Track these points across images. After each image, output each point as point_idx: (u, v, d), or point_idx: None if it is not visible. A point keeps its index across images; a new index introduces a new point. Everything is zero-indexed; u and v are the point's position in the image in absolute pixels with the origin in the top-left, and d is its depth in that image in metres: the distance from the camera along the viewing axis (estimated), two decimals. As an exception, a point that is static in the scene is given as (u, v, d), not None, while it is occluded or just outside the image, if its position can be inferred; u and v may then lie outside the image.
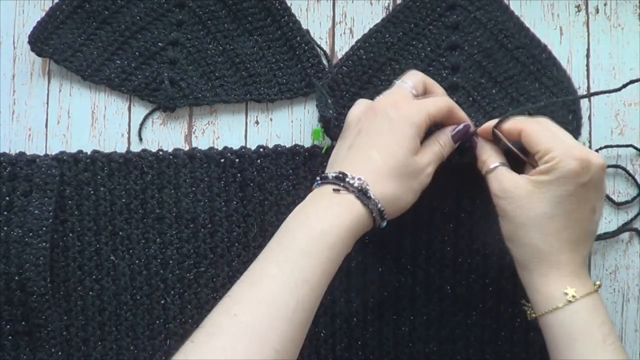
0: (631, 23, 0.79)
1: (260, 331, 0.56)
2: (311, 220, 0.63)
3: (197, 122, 0.81)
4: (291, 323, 0.58)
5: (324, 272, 0.61)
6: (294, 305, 0.58)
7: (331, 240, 0.61)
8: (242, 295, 0.59)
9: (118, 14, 0.81)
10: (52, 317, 0.76)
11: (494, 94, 0.77)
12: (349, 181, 0.64)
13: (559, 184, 0.62)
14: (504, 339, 0.75)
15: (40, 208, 0.75)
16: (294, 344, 0.59)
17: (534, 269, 0.64)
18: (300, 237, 0.62)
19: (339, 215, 0.63)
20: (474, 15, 0.78)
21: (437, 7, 0.79)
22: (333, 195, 0.64)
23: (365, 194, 0.63)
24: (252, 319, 0.57)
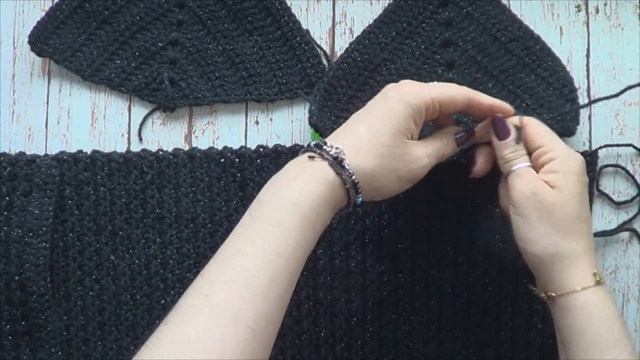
0: (631, 23, 0.79)
1: (232, 310, 0.54)
2: (282, 190, 0.60)
3: (197, 122, 0.81)
4: (266, 299, 0.56)
5: (299, 244, 0.59)
6: (267, 281, 0.56)
7: (302, 210, 0.59)
8: (213, 273, 0.57)
9: (118, 14, 0.81)
10: (52, 317, 0.76)
11: (490, 88, 0.77)
12: (325, 149, 0.61)
13: (575, 183, 0.63)
14: (504, 338, 0.75)
15: (40, 208, 0.75)
16: (271, 322, 0.57)
17: (555, 264, 0.63)
18: (270, 209, 0.59)
19: (311, 184, 0.60)
20: (466, 10, 0.78)
21: (429, 5, 0.79)
22: (307, 164, 0.62)
23: (340, 163, 0.60)
24: (223, 298, 0.55)
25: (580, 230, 0.63)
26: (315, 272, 0.76)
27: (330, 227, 0.60)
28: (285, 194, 0.59)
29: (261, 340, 0.56)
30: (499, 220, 0.72)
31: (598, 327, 0.61)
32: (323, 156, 0.61)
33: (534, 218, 0.63)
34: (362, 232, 0.76)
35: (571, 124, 0.74)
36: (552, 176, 0.63)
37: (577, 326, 0.62)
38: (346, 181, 0.61)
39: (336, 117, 0.77)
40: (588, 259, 0.62)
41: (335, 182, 0.61)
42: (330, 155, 0.61)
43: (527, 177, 0.64)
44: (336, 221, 0.66)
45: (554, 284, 0.63)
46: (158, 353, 0.53)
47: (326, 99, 0.77)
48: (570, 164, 0.63)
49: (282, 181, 0.61)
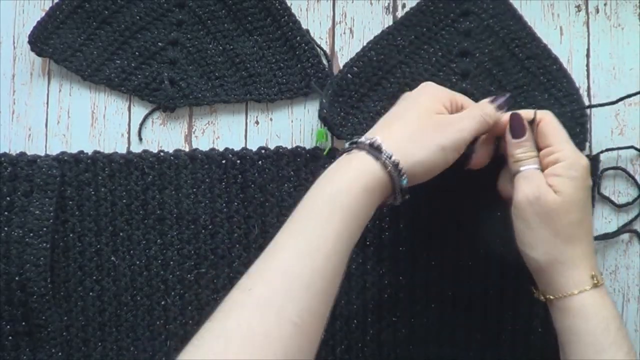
0: (631, 23, 0.79)
1: (276, 303, 0.54)
2: (322, 185, 0.61)
3: (197, 122, 0.81)
4: (309, 292, 0.55)
5: (340, 236, 0.58)
6: (309, 274, 0.56)
7: (343, 200, 0.59)
8: (257, 269, 0.57)
9: (118, 14, 0.81)
10: (52, 317, 0.76)
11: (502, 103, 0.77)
12: (360, 141, 0.62)
13: (578, 186, 0.63)
14: (504, 341, 0.75)
15: (41, 208, 0.75)
16: (315, 316, 0.56)
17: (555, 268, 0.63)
18: (312, 203, 0.60)
19: (350, 174, 0.60)
20: (487, 23, 0.78)
21: (450, 13, 0.79)
22: (345, 159, 0.62)
23: (377, 148, 0.61)
24: (266, 292, 0.55)
25: (581, 235, 0.63)
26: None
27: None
28: (326, 188, 0.60)
29: (305, 334, 0.55)
30: (500, 223, 0.72)
31: (594, 328, 0.61)
32: (360, 147, 0.62)
33: (535, 223, 0.63)
34: (362, 235, 0.75)
35: (578, 147, 0.73)
36: (556, 180, 0.63)
37: (574, 328, 0.62)
38: (386, 164, 0.60)
39: (346, 113, 0.77)
40: (587, 262, 0.63)
41: (375, 168, 0.61)
42: (365, 145, 0.61)
43: (532, 181, 0.64)
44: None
45: (552, 287, 0.63)
46: (202, 349, 0.53)
47: (338, 94, 0.77)
48: (575, 169, 0.63)
49: (323, 178, 0.62)
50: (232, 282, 0.75)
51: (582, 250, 0.63)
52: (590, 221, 0.65)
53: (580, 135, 0.75)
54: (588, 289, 0.62)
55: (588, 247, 0.64)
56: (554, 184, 0.63)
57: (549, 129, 0.65)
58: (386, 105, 0.76)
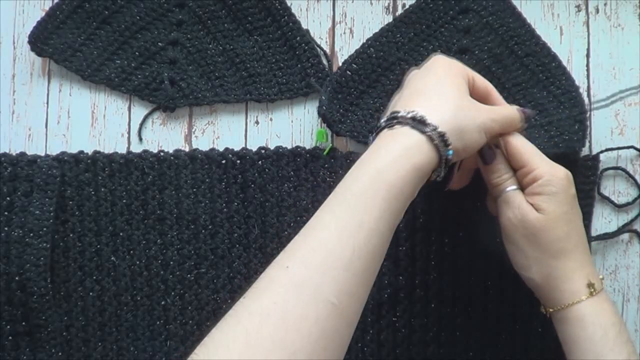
0: (631, 23, 0.79)
1: (313, 283, 0.52)
2: (365, 162, 0.58)
3: (197, 122, 0.81)
4: (348, 273, 0.53)
5: (383, 214, 0.56)
6: (349, 253, 0.53)
7: (388, 178, 0.56)
8: (295, 247, 0.55)
9: (118, 14, 0.81)
10: (52, 317, 0.76)
11: None
12: (401, 115, 0.59)
13: (559, 201, 0.62)
14: (503, 342, 0.75)
15: (41, 208, 0.75)
16: (354, 297, 0.54)
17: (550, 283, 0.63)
18: (353, 179, 0.57)
19: (395, 150, 0.57)
20: (486, 20, 0.78)
21: (449, 10, 0.79)
22: (387, 135, 0.59)
23: (422, 122, 0.58)
24: (304, 270, 0.53)
25: (570, 247, 0.63)
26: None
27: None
28: (369, 165, 0.57)
29: (343, 315, 0.54)
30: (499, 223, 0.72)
31: (592, 335, 0.61)
32: (401, 122, 0.59)
33: (523, 244, 0.64)
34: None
35: (577, 145, 0.74)
36: (536, 198, 0.63)
37: (574, 336, 0.62)
38: (432, 137, 0.58)
39: (345, 110, 0.77)
40: (581, 272, 0.63)
41: (421, 141, 0.58)
42: (408, 119, 0.59)
43: (513, 203, 0.64)
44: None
45: (550, 301, 0.64)
46: (237, 326, 0.51)
47: (337, 91, 0.77)
48: (554, 184, 0.62)
49: (365, 155, 0.59)
50: (232, 282, 0.75)
51: (575, 262, 0.63)
52: (580, 230, 0.64)
53: (579, 133, 0.75)
54: (584, 299, 0.62)
55: (581, 257, 0.63)
56: (535, 203, 0.63)
57: (517, 150, 0.65)
58: (385, 102, 0.76)
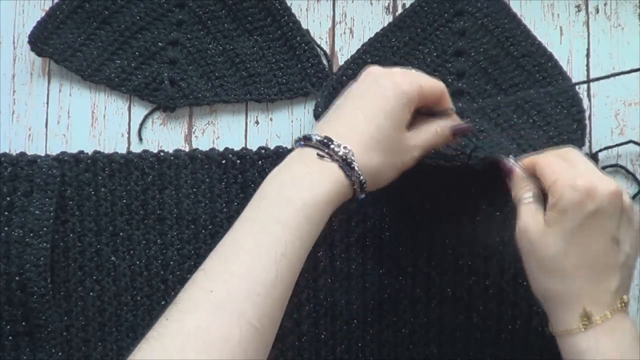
0: (631, 23, 0.79)
1: (236, 307, 0.53)
2: (288, 188, 0.59)
3: (197, 122, 0.81)
4: (269, 298, 0.55)
5: (302, 245, 0.58)
6: (272, 279, 0.55)
7: (310, 211, 0.58)
8: (216, 269, 0.56)
9: (118, 14, 0.81)
10: (52, 317, 0.76)
11: (498, 101, 0.77)
12: (333, 148, 0.60)
13: (566, 217, 0.58)
14: (504, 341, 0.75)
15: (41, 208, 0.75)
16: (273, 321, 0.56)
17: (546, 303, 0.61)
18: (276, 207, 0.58)
19: (319, 185, 0.59)
20: (481, 22, 0.78)
21: (444, 13, 0.79)
22: (314, 162, 0.60)
23: (349, 165, 0.59)
24: (227, 295, 0.53)
25: (569, 269, 0.58)
26: (316, 274, 0.76)
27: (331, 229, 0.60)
28: (293, 193, 0.58)
29: (263, 339, 0.55)
30: (500, 223, 0.73)
31: None
32: (332, 156, 0.60)
33: (524, 255, 0.62)
34: (363, 235, 0.76)
35: (576, 144, 0.74)
36: (549, 214, 0.60)
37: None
38: (354, 182, 0.60)
39: None
40: (577, 299, 0.58)
41: (344, 182, 0.60)
42: (339, 156, 0.60)
43: (521, 214, 0.62)
44: (337, 223, 0.66)
45: (549, 322, 0.62)
46: (159, 348, 0.52)
47: (333, 96, 0.77)
48: (566, 200, 0.58)
49: (288, 179, 0.60)
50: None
51: (571, 286, 0.59)
52: (590, 253, 0.58)
53: (577, 132, 0.75)
54: (576, 331, 0.58)
55: (582, 282, 0.58)
56: (548, 218, 0.60)
57: (542, 169, 0.62)
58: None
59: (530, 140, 0.75)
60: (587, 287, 0.58)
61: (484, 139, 0.75)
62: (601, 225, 0.58)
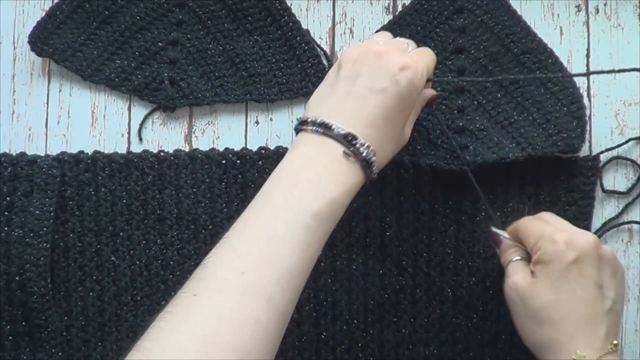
0: (631, 23, 0.79)
1: (267, 292, 0.55)
2: (322, 184, 0.60)
3: (197, 122, 0.81)
4: (294, 285, 0.57)
5: (325, 239, 0.61)
6: (300, 268, 0.58)
7: (335, 208, 0.61)
8: (249, 252, 0.57)
9: (118, 14, 0.81)
10: (52, 317, 0.76)
11: (499, 98, 0.77)
12: (358, 148, 0.62)
13: (551, 268, 0.62)
14: (504, 342, 0.75)
15: (41, 208, 0.75)
16: (291, 309, 0.58)
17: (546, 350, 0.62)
18: (311, 200, 0.59)
19: (346, 184, 0.61)
20: (481, 19, 0.78)
21: (444, 11, 0.79)
22: (342, 160, 0.62)
23: (370, 166, 0.63)
24: (260, 279, 0.55)
25: (559, 318, 0.61)
26: (317, 274, 0.76)
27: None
28: (327, 190, 0.60)
29: (285, 320, 0.57)
30: (500, 224, 0.72)
31: None
32: (357, 156, 0.62)
33: (515, 309, 0.65)
34: (363, 235, 0.76)
35: (577, 141, 0.74)
36: (535, 267, 0.64)
37: None
38: (368, 178, 0.64)
39: None
40: (569, 345, 0.61)
41: (362, 180, 0.63)
42: (362, 157, 0.62)
43: (510, 272, 0.66)
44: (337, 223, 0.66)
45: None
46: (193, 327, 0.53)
47: None
48: (548, 253, 0.63)
49: (321, 173, 0.61)
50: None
51: (562, 333, 0.61)
52: (577, 301, 0.62)
53: (577, 130, 0.75)
54: None
55: (572, 329, 0.61)
56: (535, 272, 0.64)
57: (523, 231, 0.67)
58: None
59: (530, 139, 0.75)
60: (578, 333, 0.61)
61: (484, 137, 0.76)
62: (584, 273, 0.62)
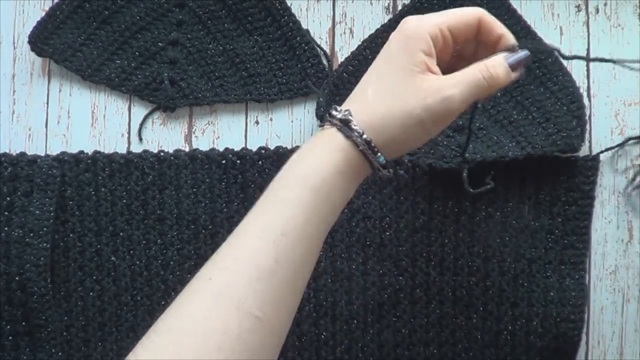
0: (631, 23, 0.79)
1: (235, 295, 0.49)
2: (293, 165, 0.55)
3: (197, 122, 0.81)
4: (271, 283, 0.51)
5: (309, 221, 0.53)
6: (272, 262, 0.51)
7: (313, 183, 0.53)
8: (219, 256, 0.53)
9: (118, 14, 0.81)
10: (52, 317, 0.76)
11: (498, 97, 0.77)
12: (334, 114, 0.55)
13: None
14: (504, 341, 0.75)
15: (41, 208, 0.75)
16: (280, 308, 0.52)
17: None
18: (280, 185, 0.54)
19: (321, 154, 0.54)
20: None
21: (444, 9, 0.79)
22: (319, 134, 0.56)
23: (347, 125, 0.54)
24: (225, 282, 0.50)
25: None
26: (316, 274, 0.76)
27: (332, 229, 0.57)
28: (296, 168, 0.55)
29: (269, 329, 0.51)
30: (499, 223, 0.73)
31: None
32: (332, 122, 0.55)
33: None
34: (363, 235, 0.76)
35: (576, 141, 0.74)
36: None
37: None
38: (358, 142, 0.54)
39: None
40: None
41: (347, 146, 0.55)
42: (337, 120, 0.55)
43: None
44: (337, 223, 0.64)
45: None
46: (157, 346, 0.49)
47: (334, 93, 0.78)
48: None
49: (295, 156, 0.56)
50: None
51: None
52: None
53: (577, 129, 0.75)
54: None
55: None
56: None
57: None
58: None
59: (530, 138, 0.75)
60: None
61: (484, 136, 0.76)
62: None
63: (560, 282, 0.74)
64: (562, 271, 0.75)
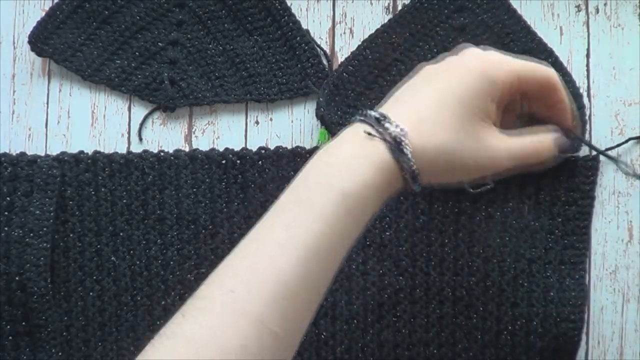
0: (631, 23, 0.79)
1: (258, 312, 0.48)
2: (331, 173, 0.52)
3: (197, 122, 0.81)
4: (296, 302, 0.49)
5: (341, 241, 0.52)
6: (301, 282, 0.49)
7: (352, 203, 0.51)
8: (240, 265, 0.50)
9: (118, 14, 0.81)
10: (52, 317, 0.76)
11: None
12: (386, 126, 0.52)
13: None
14: (504, 341, 0.75)
15: (41, 208, 0.75)
16: (299, 326, 0.51)
17: None
18: (314, 195, 0.51)
19: (366, 172, 0.52)
20: (482, 18, 0.78)
21: (444, 9, 0.79)
22: (363, 142, 0.53)
23: (400, 147, 0.52)
24: (249, 298, 0.48)
25: None
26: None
27: None
28: (334, 180, 0.51)
29: (286, 345, 0.50)
30: (500, 223, 0.72)
31: None
32: (383, 135, 0.53)
33: None
34: (363, 235, 0.76)
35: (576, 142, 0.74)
36: None
37: None
38: (404, 169, 0.53)
39: (343, 112, 0.77)
40: None
41: (393, 167, 0.53)
42: (390, 136, 0.52)
43: None
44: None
45: None
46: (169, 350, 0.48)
47: (334, 93, 0.77)
48: None
49: (333, 160, 0.53)
50: (232, 282, 0.75)
51: None
52: None
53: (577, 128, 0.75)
54: None
55: None
56: None
57: None
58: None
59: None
60: None
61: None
62: None
63: (560, 282, 0.74)
64: (562, 271, 0.75)
